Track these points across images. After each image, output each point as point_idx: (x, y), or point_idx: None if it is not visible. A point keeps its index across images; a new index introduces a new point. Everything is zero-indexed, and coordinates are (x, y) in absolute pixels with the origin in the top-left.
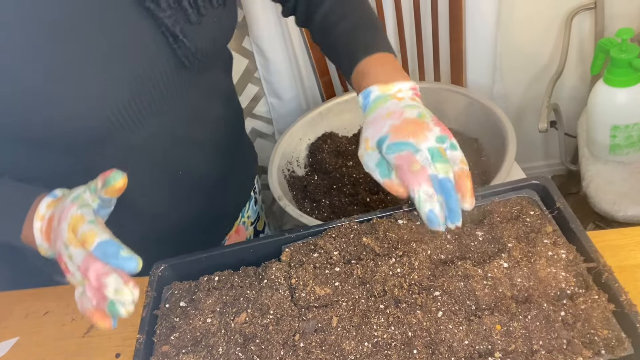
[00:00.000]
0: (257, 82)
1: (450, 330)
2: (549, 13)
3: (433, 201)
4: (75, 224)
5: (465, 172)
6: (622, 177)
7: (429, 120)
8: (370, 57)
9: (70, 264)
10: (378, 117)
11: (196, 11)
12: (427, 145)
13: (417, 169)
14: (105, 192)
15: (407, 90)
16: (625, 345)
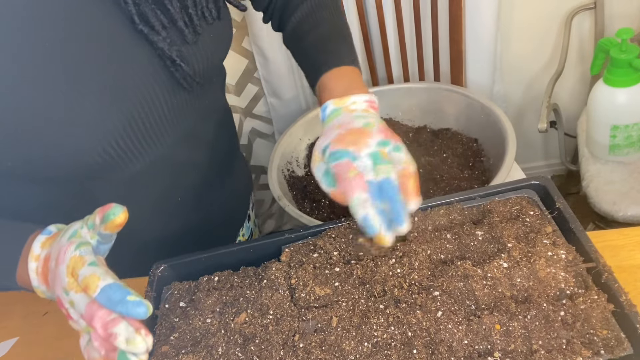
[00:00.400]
0: (257, 82)
1: (449, 330)
2: (549, 13)
3: (367, 206)
4: (75, 267)
5: (408, 171)
6: (622, 177)
7: (374, 128)
8: (332, 71)
9: (73, 311)
10: (329, 129)
11: (192, 30)
12: (367, 151)
13: (353, 175)
14: (104, 227)
15: (361, 102)
16: (624, 345)
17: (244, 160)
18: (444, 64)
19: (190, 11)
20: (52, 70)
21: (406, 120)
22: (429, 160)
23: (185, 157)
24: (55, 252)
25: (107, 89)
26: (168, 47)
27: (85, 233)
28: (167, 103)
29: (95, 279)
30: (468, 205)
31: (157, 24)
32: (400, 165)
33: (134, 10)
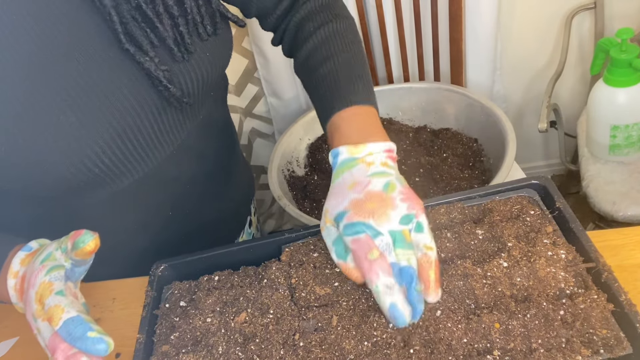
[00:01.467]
0: (257, 82)
1: (449, 329)
2: (549, 13)
3: (394, 293)
4: (43, 294)
5: (429, 259)
6: (622, 177)
7: (397, 193)
8: (345, 111)
9: (40, 338)
10: (342, 186)
11: (183, 48)
12: (389, 227)
13: (375, 257)
14: (75, 254)
15: (379, 152)
16: (624, 345)
17: (245, 166)
18: (444, 64)
19: (182, 29)
20: (37, 89)
21: (406, 120)
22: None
23: (177, 172)
24: (29, 274)
25: (93, 106)
26: (155, 68)
27: (59, 256)
28: (157, 120)
29: (59, 310)
30: (468, 204)
31: (145, 43)
32: (420, 251)
33: (120, 29)
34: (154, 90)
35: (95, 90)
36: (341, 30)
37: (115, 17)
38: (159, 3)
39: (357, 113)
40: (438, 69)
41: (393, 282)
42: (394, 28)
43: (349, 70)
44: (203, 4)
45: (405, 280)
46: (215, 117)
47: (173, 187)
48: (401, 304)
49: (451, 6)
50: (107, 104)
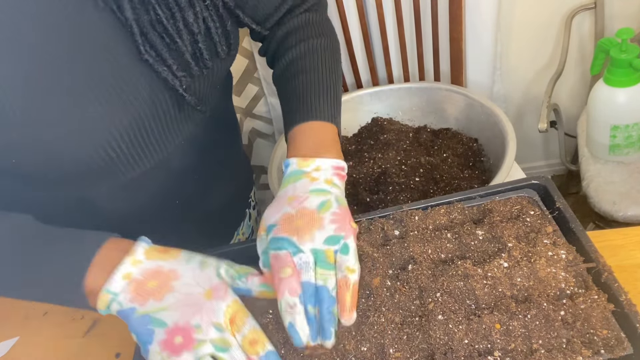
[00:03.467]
0: (257, 82)
1: (450, 330)
2: (549, 13)
3: (294, 312)
4: (237, 313)
5: (348, 282)
6: (622, 177)
7: (329, 214)
8: (304, 125)
9: (208, 347)
10: (282, 199)
11: (201, 63)
12: (312, 246)
13: (286, 275)
14: (259, 294)
15: (326, 169)
16: (624, 345)
17: (245, 160)
18: (444, 64)
19: (201, 45)
20: (58, 78)
21: (406, 120)
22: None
23: (185, 163)
24: (196, 277)
25: (111, 98)
26: (172, 77)
27: (225, 277)
28: (170, 113)
29: (264, 339)
30: (468, 204)
31: (164, 52)
32: (341, 273)
33: (140, 40)
34: (170, 92)
35: (114, 85)
36: (321, 48)
37: (136, 29)
38: (179, 19)
39: (316, 128)
40: (438, 69)
41: (296, 302)
42: (394, 28)
43: (319, 86)
44: (220, 26)
45: (319, 300)
46: (221, 110)
47: (181, 177)
48: (299, 323)
49: (451, 6)
50: (126, 96)
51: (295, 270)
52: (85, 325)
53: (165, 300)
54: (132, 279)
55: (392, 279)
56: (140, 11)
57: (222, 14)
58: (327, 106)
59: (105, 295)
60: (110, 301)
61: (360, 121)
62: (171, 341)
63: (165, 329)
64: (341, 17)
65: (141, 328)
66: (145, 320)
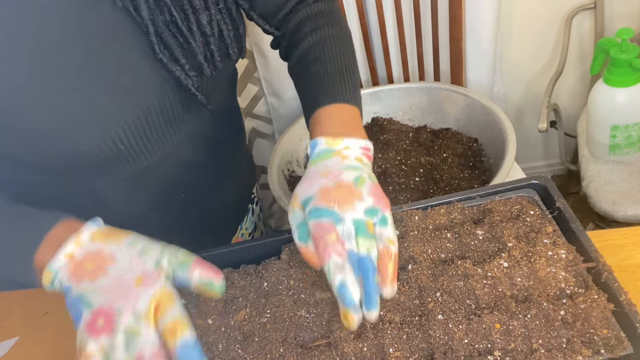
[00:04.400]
0: (257, 82)
1: (449, 329)
2: (549, 13)
3: (345, 271)
4: (163, 302)
5: (390, 252)
6: (622, 177)
7: (365, 187)
8: (329, 107)
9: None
10: (315, 174)
11: (212, 65)
12: (353, 216)
13: (333, 240)
14: (197, 288)
15: (355, 148)
16: (624, 345)
17: (248, 155)
18: (444, 64)
19: (213, 47)
20: (70, 70)
21: (406, 120)
22: (429, 160)
23: (191, 156)
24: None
25: (121, 90)
26: (185, 77)
27: (165, 267)
28: (178, 108)
29: (184, 327)
30: (468, 204)
31: (177, 51)
32: (382, 243)
33: (155, 40)
34: (180, 88)
35: (124, 77)
36: (336, 35)
37: (151, 29)
38: (193, 21)
39: (341, 110)
40: (438, 69)
41: (345, 262)
42: (394, 28)
43: (340, 72)
44: (232, 29)
45: (362, 269)
46: (227, 106)
47: (186, 171)
48: (351, 283)
49: (451, 6)
50: (136, 89)
51: (339, 238)
52: None
53: (98, 283)
54: (72, 259)
55: None
56: (156, 12)
57: (235, 18)
58: (348, 91)
59: (48, 273)
60: (52, 278)
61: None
62: (94, 323)
63: (91, 310)
64: None
65: (73, 307)
66: (77, 299)
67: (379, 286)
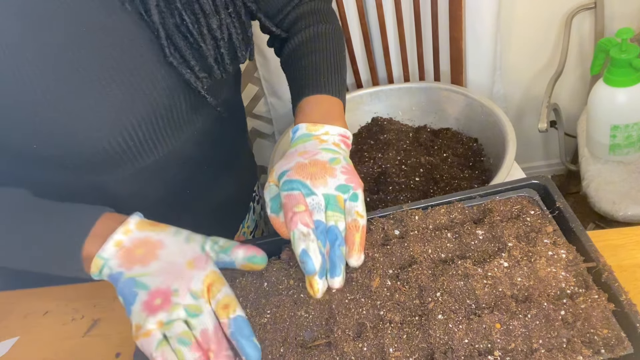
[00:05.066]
0: (257, 82)
1: (449, 329)
2: (549, 13)
3: (308, 240)
4: (214, 282)
5: (358, 224)
6: (622, 177)
7: (340, 167)
8: (313, 97)
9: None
10: (293, 153)
11: (222, 67)
12: (324, 190)
13: (301, 210)
14: (243, 266)
15: (334, 134)
16: (624, 345)
17: (250, 153)
18: (444, 64)
19: (223, 50)
20: (82, 67)
21: (406, 120)
22: (429, 160)
23: (197, 153)
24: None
25: (133, 89)
26: (195, 79)
27: (209, 251)
28: (186, 106)
29: (235, 304)
30: (469, 204)
31: (188, 54)
32: (350, 216)
33: (166, 43)
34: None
35: (139, 74)
36: (328, 32)
37: (162, 32)
38: (204, 25)
39: (324, 100)
40: (438, 69)
41: (310, 231)
42: (394, 28)
43: (327, 66)
44: (241, 32)
45: (329, 238)
46: (231, 104)
47: (191, 167)
48: (313, 251)
49: (451, 6)
50: (147, 85)
51: (308, 208)
52: (85, 325)
53: (150, 267)
54: (122, 247)
55: (392, 279)
56: (167, 15)
57: (244, 21)
58: (335, 83)
59: (98, 261)
60: (102, 266)
61: (360, 121)
62: (151, 302)
63: (147, 291)
64: (341, 17)
65: (126, 290)
66: (131, 283)
67: (346, 256)
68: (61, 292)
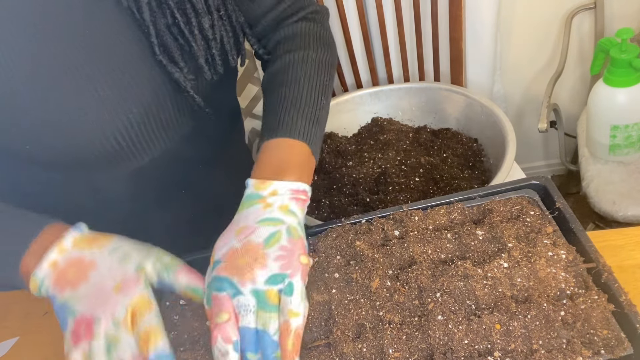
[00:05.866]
0: (257, 82)
1: (449, 330)
2: (549, 13)
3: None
4: (140, 309)
5: (289, 327)
6: (622, 177)
7: (275, 249)
8: (274, 141)
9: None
10: (232, 228)
11: (213, 69)
12: (252, 287)
13: (222, 320)
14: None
15: (283, 193)
16: (624, 345)
17: (248, 153)
18: (444, 64)
19: (214, 51)
20: (72, 66)
21: (406, 120)
22: (429, 160)
23: (191, 152)
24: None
25: (123, 87)
26: (184, 79)
27: (150, 270)
28: (178, 106)
29: (158, 336)
30: (468, 205)
31: (177, 54)
32: (283, 317)
33: (156, 42)
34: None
35: (129, 73)
36: (308, 60)
37: (152, 31)
38: (195, 25)
39: (282, 146)
40: (438, 69)
41: (228, 349)
42: (394, 28)
43: (295, 101)
44: (232, 36)
45: (261, 346)
46: (226, 104)
47: (186, 167)
48: None
49: (451, 6)
50: (137, 81)
51: (233, 314)
52: None
53: (79, 291)
54: (56, 267)
55: (392, 279)
56: (158, 14)
57: (235, 26)
58: (300, 123)
59: (34, 281)
60: (39, 286)
61: (360, 121)
62: (77, 331)
63: (74, 318)
64: (341, 17)
65: (60, 315)
66: (63, 308)
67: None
68: None
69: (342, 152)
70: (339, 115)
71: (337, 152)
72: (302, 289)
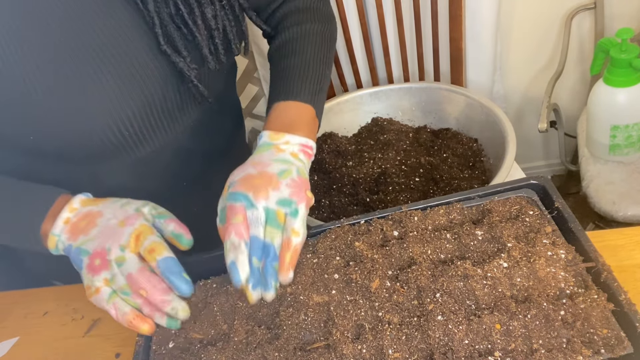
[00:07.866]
0: (257, 82)
1: (450, 330)
2: (549, 13)
3: (238, 251)
4: (142, 233)
5: (291, 243)
6: (622, 177)
7: (285, 180)
8: (283, 103)
9: (114, 266)
10: (248, 163)
11: (216, 58)
12: (265, 204)
13: (238, 221)
14: (169, 238)
15: (294, 144)
16: (624, 344)
17: (247, 148)
18: (444, 64)
19: (217, 41)
20: (78, 57)
21: (406, 120)
22: (429, 160)
23: (192, 144)
24: (115, 213)
25: (127, 78)
26: (187, 68)
27: (146, 214)
28: (181, 97)
29: (162, 248)
30: (468, 205)
31: (181, 45)
32: (286, 234)
33: (160, 32)
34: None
35: (133, 64)
36: (314, 32)
37: (156, 21)
38: (198, 15)
39: (292, 107)
40: (438, 69)
41: (241, 243)
42: (394, 28)
43: (302, 69)
44: (235, 25)
45: (264, 254)
46: (227, 97)
47: (187, 159)
48: (240, 262)
49: (451, 6)
50: (141, 71)
51: (246, 221)
52: (85, 325)
53: (90, 234)
54: (69, 222)
55: (392, 280)
56: (162, 4)
57: (237, 15)
58: (307, 88)
59: (52, 237)
60: (56, 242)
61: (360, 121)
62: (93, 264)
63: (88, 256)
64: (341, 17)
65: (76, 258)
66: (77, 252)
67: (276, 273)
68: (60, 292)
69: (342, 152)
70: (339, 115)
71: (337, 152)
72: (304, 216)
